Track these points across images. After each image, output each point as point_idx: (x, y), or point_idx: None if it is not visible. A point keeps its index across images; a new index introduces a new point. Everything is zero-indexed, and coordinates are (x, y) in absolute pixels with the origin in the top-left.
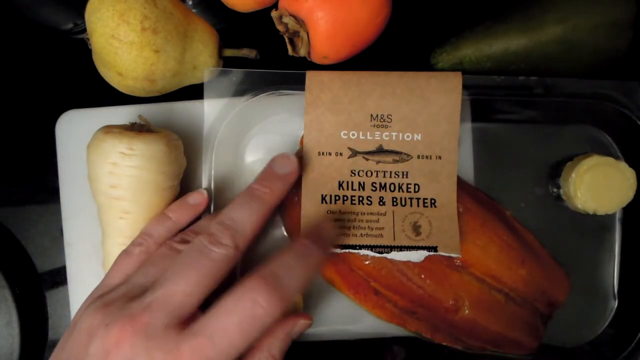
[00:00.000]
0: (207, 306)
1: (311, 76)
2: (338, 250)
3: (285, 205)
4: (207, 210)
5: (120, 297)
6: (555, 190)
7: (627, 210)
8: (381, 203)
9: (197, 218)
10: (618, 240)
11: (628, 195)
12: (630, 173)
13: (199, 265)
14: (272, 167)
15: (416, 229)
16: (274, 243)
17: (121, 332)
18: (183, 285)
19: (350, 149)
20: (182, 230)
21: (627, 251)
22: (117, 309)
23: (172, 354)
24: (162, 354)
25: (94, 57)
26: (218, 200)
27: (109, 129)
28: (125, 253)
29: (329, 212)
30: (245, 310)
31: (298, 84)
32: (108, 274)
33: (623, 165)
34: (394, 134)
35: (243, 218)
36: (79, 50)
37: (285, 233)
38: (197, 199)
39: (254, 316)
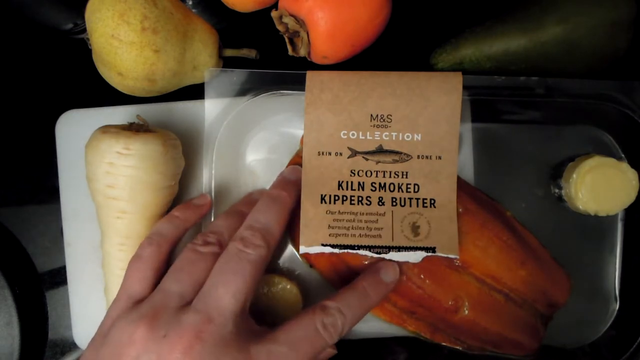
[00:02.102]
0: None
1: (311, 76)
2: (337, 251)
3: None
4: (209, 213)
5: (160, 307)
6: (556, 191)
7: (629, 211)
8: (380, 203)
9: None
10: (620, 242)
11: (630, 196)
12: (632, 174)
13: (241, 269)
14: (284, 175)
15: (415, 229)
16: None
17: (184, 342)
18: (232, 291)
19: (350, 149)
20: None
21: (628, 252)
22: (167, 319)
23: None
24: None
25: (94, 57)
26: (218, 200)
27: (106, 129)
28: (136, 257)
29: (328, 212)
30: (315, 333)
31: (298, 84)
32: (125, 282)
33: (625, 166)
34: (394, 134)
35: (269, 219)
36: (79, 50)
37: (284, 233)
38: (201, 201)
39: (320, 339)
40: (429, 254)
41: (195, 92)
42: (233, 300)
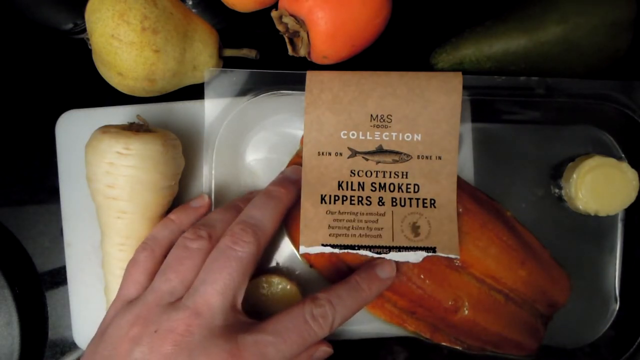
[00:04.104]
0: None
1: (311, 76)
2: (337, 251)
3: None
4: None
5: (152, 305)
6: (556, 191)
7: (629, 211)
8: (380, 203)
9: None
10: (620, 242)
11: (630, 196)
12: (632, 174)
13: (228, 267)
14: (284, 174)
15: (415, 229)
16: (273, 243)
17: (174, 336)
18: (220, 289)
19: (350, 149)
20: None
21: (628, 253)
22: (157, 316)
23: (230, 351)
24: (218, 350)
25: (94, 57)
26: (218, 200)
27: (106, 129)
28: (132, 262)
29: (328, 212)
30: (304, 323)
31: (298, 84)
32: (122, 285)
33: (625, 166)
34: (394, 134)
35: (263, 216)
36: (79, 50)
37: (284, 233)
38: (199, 202)
39: (309, 329)
40: (430, 254)
41: (195, 92)
42: (221, 297)
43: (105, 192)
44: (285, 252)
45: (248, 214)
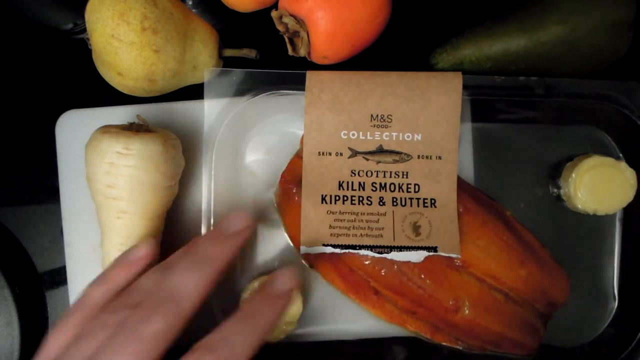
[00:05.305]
0: None
1: (311, 76)
2: (338, 251)
3: (285, 206)
4: (154, 262)
5: None
6: (555, 190)
7: (627, 210)
8: (381, 203)
9: None
10: (618, 241)
11: (628, 195)
12: (630, 173)
13: (129, 348)
14: (221, 227)
15: (416, 229)
16: (273, 243)
17: None
18: None
19: (350, 149)
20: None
21: (627, 251)
22: None
23: None
24: None
25: (94, 57)
26: (218, 200)
27: (106, 129)
28: (63, 321)
29: (328, 212)
30: None
31: (298, 84)
32: (46, 344)
33: (623, 166)
34: (394, 134)
35: (188, 284)
36: (79, 50)
37: (285, 233)
38: (139, 253)
39: None
40: (431, 253)
41: (195, 92)
42: None
43: (105, 192)
44: (286, 252)
45: (170, 281)
